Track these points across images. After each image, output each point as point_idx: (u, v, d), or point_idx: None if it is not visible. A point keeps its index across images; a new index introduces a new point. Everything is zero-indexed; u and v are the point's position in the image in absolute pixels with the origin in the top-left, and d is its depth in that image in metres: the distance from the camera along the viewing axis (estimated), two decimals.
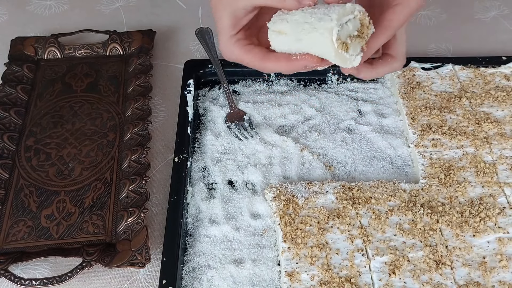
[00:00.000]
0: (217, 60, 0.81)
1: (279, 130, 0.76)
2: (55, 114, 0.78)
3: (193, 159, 0.72)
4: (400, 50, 0.63)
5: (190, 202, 0.68)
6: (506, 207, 0.64)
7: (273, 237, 0.64)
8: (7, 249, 0.63)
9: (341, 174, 0.71)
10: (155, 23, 0.93)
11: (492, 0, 0.99)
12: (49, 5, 0.98)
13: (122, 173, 0.70)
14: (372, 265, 0.59)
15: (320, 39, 0.58)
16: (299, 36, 0.59)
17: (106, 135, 0.75)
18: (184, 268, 0.61)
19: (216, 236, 0.64)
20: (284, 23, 0.59)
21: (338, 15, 0.57)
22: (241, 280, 0.60)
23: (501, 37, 0.92)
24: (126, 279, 0.62)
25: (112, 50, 0.87)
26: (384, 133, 0.75)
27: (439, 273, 0.58)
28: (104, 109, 0.79)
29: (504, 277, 0.58)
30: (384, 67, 0.64)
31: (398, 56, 0.63)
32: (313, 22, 0.58)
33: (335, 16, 0.57)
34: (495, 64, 0.82)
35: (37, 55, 0.86)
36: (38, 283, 0.58)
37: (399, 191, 0.66)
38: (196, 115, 0.77)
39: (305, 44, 0.59)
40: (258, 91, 0.81)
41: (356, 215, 0.63)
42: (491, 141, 0.71)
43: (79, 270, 0.59)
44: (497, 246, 0.61)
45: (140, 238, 0.62)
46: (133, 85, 0.81)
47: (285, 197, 0.65)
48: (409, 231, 0.62)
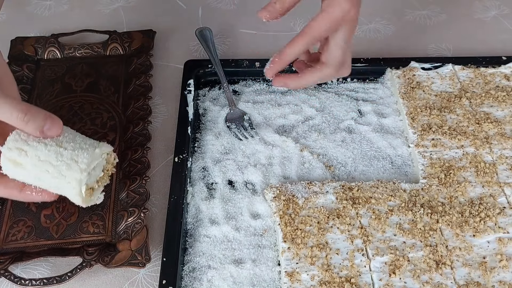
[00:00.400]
0: (217, 60, 0.81)
1: (279, 130, 0.76)
2: (55, 114, 0.77)
3: (193, 159, 0.72)
4: (332, 56, 0.62)
5: (190, 202, 0.68)
6: (506, 207, 0.64)
7: (273, 237, 0.64)
8: (7, 249, 0.63)
9: (341, 174, 0.71)
10: (155, 23, 0.93)
11: (492, 0, 0.99)
12: (49, 5, 0.98)
13: (122, 173, 0.70)
14: (372, 265, 0.59)
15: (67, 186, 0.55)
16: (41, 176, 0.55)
17: (106, 135, 0.75)
18: (184, 268, 0.61)
19: (216, 236, 0.64)
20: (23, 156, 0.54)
21: (87, 164, 0.55)
22: (241, 280, 0.60)
23: (501, 37, 0.92)
24: (126, 279, 0.62)
25: (112, 50, 0.87)
26: (384, 133, 0.75)
27: (439, 273, 0.58)
28: (104, 109, 0.79)
29: (504, 277, 0.58)
30: (313, 73, 0.63)
31: (329, 62, 0.62)
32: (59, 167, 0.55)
33: (84, 166, 0.55)
34: (495, 64, 0.82)
35: (37, 55, 0.86)
36: (38, 283, 0.58)
37: (399, 191, 0.66)
38: (196, 115, 0.77)
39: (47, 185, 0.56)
40: (258, 91, 0.81)
41: (356, 215, 0.63)
42: (491, 141, 0.71)
43: (79, 270, 0.59)
44: (497, 246, 0.61)
45: (140, 238, 0.62)
46: (133, 85, 0.81)
47: (285, 197, 0.65)
48: (409, 231, 0.62)
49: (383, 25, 0.94)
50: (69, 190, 0.56)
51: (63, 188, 0.57)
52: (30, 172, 0.55)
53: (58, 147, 0.56)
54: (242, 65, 0.83)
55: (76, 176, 0.55)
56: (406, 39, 0.91)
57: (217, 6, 0.99)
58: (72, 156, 0.55)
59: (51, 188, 0.57)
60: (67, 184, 0.55)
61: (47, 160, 0.55)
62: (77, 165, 0.55)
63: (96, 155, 0.57)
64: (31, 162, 0.55)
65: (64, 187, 0.56)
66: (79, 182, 0.55)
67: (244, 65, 0.82)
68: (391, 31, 0.93)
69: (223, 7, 0.99)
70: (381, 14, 0.96)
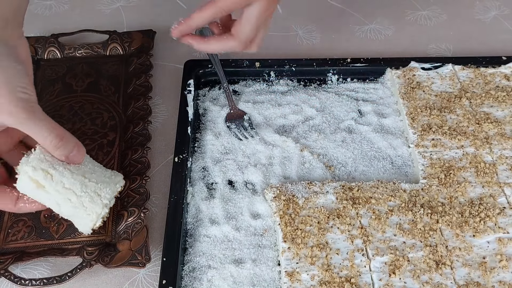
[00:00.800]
0: (217, 60, 0.81)
1: (279, 130, 0.76)
2: (55, 114, 0.78)
3: (193, 159, 0.72)
4: (240, 31, 0.63)
5: (190, 202, 0.68)
6: (506, 207, 0.64)
7: (273, 237, 0.64)
8: (7, 249, 0.63)
9: (341, 174, 0.71)
10: (155, 23, 0.93)
11: (492, 0, 0.99)
12: (49, 5, 0.98)
13: (122, 173, 0.70)
14: (372, 265, 0.59)
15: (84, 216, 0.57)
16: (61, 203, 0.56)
17: (106, 135, 0.75)
18: (184, 268, 0.61)
19: (216, 236, 0.64)
20: (49, 180, 0.54)
21: (109, 200, 0.58)
22: (241, 280, 0.60)
23: (501, 37, 0.92)
24: (126, 279, 0.62)
25: (112, 50, 0.87)
26: (384, 133, 0.75)
27: (439, 273, 0.58)
28: (104, 108, 0.79)
29: (504, 277, 0.58)
30: (218, 42, 0.64)
31: (236, 35, 0.63)
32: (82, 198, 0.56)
33: (106, 201, 0.57)
34: (495, 64, 0.82)
35: (37, 55, 0.86)
36: (38, 283, 0.58)
37: (399, 191, 0.66)
38: (196, 115, 0.77)
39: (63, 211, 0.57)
40: (258, 91, 0.81)
41: (356, 215, 0.63)
42: (491, 141, 0.71)
43: (79, 270, 0.59)
44: (497, 246, 0.61)
45: (140, 238, 0.62)
46: (133, 85, 0.81)
47: (285, 197, 0.65)
48: (409, 231, 0.62)
49: (384, 26, 0.94)
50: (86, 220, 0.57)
51: (79, 218, 0.57)
52: (51, 196, 0.56)
53: (83, 177, 0.56)
54: (242, 65, 0.83)
55: (97, 210, 0.57)
56: (406, 39, 0.92)
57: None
58: (96, 189, 0.57)
59: (65, 214, 0.58)
60: (87, 216, 0.57)
61: (72, 189, 0.55)
62: (100, 200, 0.57)
63: (116, 189, 0.59)
64: (55, 188, 0.55)
65: (81, 216, 0.57)
66: (98, 216, 0.57)
67: (244, 65, 0.82)
68: (391, 31, 0.93)
69: None
70: (381, 14, 0.96)
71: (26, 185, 0.55)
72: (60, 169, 0.55)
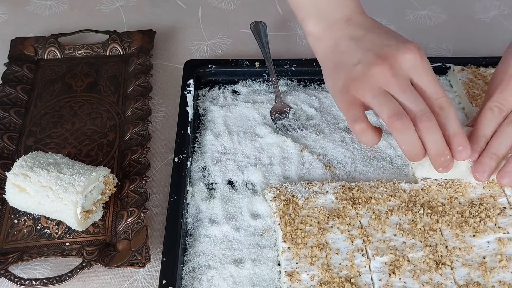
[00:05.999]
0: (269, 54, 0.81)
1: (279, 130, 0.76)
2: (55, 114, 0.78)
3: (193, 159, 0.72)
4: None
5: (190, 202, 0.68)
6: (507, 207, 0.64)
7: (273, 237, 0.64)
8: (7, 249, 0.63)
9: (341, 174, 0.71)
10: (155, 23, 0.93)
11: (492, 0, 0.99)
12: (49, 5, 0.98)
13: (122, 173, 0.70)
14: (372, 265, 0.59)
15: (63, 208, 0.59)
16: (42, 201, 0.60)
17: (106, 135, 0.75)
18: (184, 268, 0.61)
19: (216, 236, 0.64)
20: (28, 182, 0.59)
21: (83, 187, 0.59)
22: (241, 280, 0.60)
23: (501, 37, 0.92)
24: (126, 279, 0.62)
25: (112, 50, 0.87)
26: (384, 133, 0.75)
27: (439, 273, 0.58)
28: (104, 109, 0.79)
29: (504, 277, 0.58)
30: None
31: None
32: (58, 190, 0.59)
33: (80, 188, 0.59)
34: (495, 64, 0.81)
35: (37, 55, 0.86)
36: (38, 283, 0.58)
37: (399, 191, 0.66)
38: (196, 115, 0.77)
39: (47, 209, 0.61)
40: (258, 91, 0.81)
41: (356, 215, 0.63)
42: None
43: (79, 270, 0.59)
44: (497, 246, 0.61)
45: (140, 238, 0.62)
46: (133, 85, 0.81)
47: (285, 197, 0.65)
48: (409, 231, 0.62)
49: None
50: (66, 212, 0.60)
51: (60, 212, 0.60)
52: (33, 198, 0.60)
53: (58, 173, 0.60)
54: (242, 65, 0.83)
55: (72, 198, 0.59)
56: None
57: (217, 6, 0.99)
58: (70, 180, 0.60)
59: (51, 213, 0.61)
60: (64, 206, 0.59)
61: (48, 185, 0.59)
62: (73, 188, 0.59)
63: (92, 178, 0.61)
64: (34, 188, 0.59)
65: (61, 209, 0.60)
66: (74, 204, 0.59)
67: (244, 65, 0.82)
68: None
69: (223, 7, 0.99)
70: (381, 14, 0.96)
71: (11, 192, 0.60)
72: (37, 170, 0.59)
